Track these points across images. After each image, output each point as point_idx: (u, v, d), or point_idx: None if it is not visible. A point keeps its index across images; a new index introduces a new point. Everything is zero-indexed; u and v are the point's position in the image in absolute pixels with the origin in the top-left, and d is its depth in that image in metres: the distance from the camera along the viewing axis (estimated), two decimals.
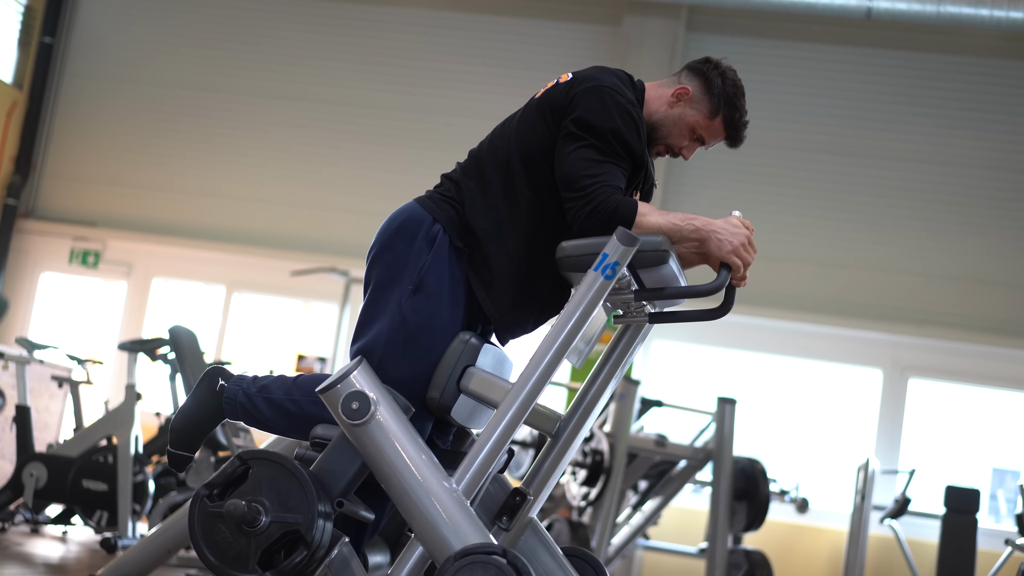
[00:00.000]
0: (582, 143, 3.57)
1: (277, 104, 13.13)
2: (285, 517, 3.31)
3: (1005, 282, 11.74)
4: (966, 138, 11.98)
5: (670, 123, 3.81)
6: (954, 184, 11.93)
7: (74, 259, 13.40)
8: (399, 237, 3.69)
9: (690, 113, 3.81)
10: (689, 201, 11.95)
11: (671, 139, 3.83)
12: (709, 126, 3.83)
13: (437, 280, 3.63)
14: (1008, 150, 11.92)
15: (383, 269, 3.68)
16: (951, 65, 12.13)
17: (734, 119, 3.83)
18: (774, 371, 12.34)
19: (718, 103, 3.81)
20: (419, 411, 3.55)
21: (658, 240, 3.43)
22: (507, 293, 3.67)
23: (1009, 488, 11.96)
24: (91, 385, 9.24)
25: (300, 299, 13.17)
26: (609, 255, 3.38)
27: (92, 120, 13.54)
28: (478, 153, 3.80)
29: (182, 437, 3.82)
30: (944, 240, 11.88)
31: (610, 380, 3.71)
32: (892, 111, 12.14)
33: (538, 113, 3.72)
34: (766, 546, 10.54)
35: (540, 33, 12.80)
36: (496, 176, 3.71)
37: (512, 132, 3.77)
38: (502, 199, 3.68)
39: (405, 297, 3.61)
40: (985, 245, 11.82)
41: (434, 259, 3.64)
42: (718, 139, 3.88)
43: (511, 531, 3.56)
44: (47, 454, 8.30)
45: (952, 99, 12.07)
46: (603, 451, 8.34)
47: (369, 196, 12.58)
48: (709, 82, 3.82)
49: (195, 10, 13.50)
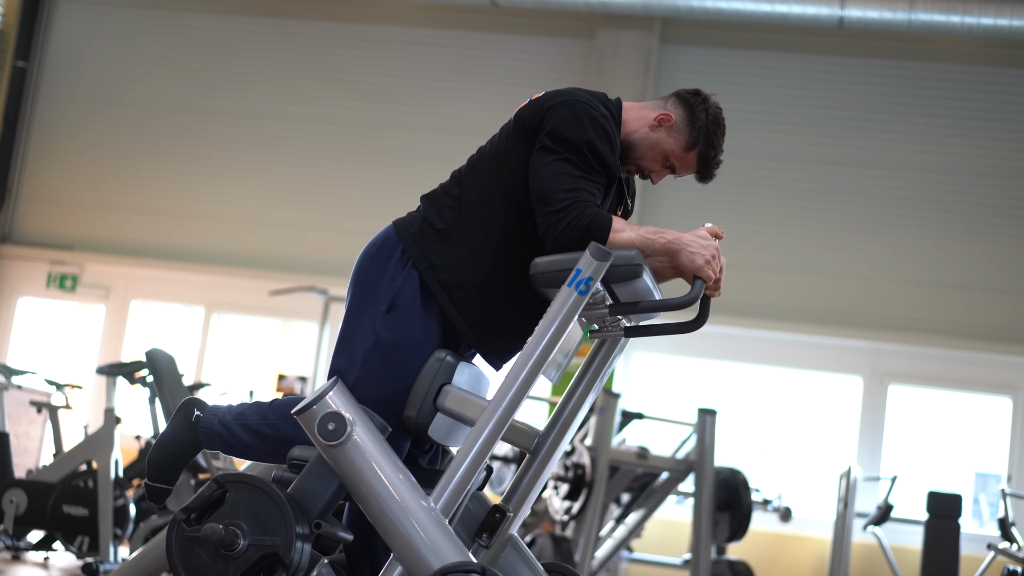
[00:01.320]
0: (556, 157, 3.56)
1: (254, 124, 13.12)
2: (263, 540, 3.30)
3: (981, 287, 11.78)
4: (937, 145, 12.02)
5: (646, 146, 3.79)
6: (927, 191, 11.97)
7: (51, 283, 13.35)
8: (375, 259, 3.70)
9: (668, 141, 3.79)
10: (666, 211, 11.96)
11: (643, 161, 3.82)
12: (683, 158, 3.82)
13: (410, 299, 3.63)
14: (978, 156, 11.96)
15: (359, 290, 3.69)
16: (922, 72, 12.18)
17: (709, 156, 3.82)
18: (755, 381, 12.36)
19: (697, 137, 3.79)
20: (396, 430, 3.54)
21: (631, 255, 3.43)
22: (483, 313, 3.67)
23: (992, 492, 11.98)
24: (70, 410, 9.20)
25: (280, 319, 13.15)
26: (582, 270, 3.38)
27: (67, 143, 13.50)
28: (458, 174, 3.80)
29: (159, 470, 3.81)
30: (920, 247, 11.91)
31: (587, 394, 3.70)
32: (865, 119, 12.18)
33: (513, 133, 3.72)
34: (750, 556, 10.54)
35: (516, 48, 12.82)
36: (474, 197, 3.70)
37: (489, 153, 3.77)
38: (480, 220, 3.68)
39: (379, 317, 3.61)
40: (960, 251, 11.86)
41: (407, 279, 3.64)
42: (689, 171, 3.87)
43: (492, 548, 3.55)
44: (27, 480, 8.26)
45: (923, 106, 12.12)
46: (585, 465, 8.33)
47: (347, 215, 12.57)
48: (694, 114, 3.80)
49: (170, 31, 13.47)
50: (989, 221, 11.89)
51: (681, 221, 11.09)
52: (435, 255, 3.66)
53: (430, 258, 3.66)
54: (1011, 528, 8.72)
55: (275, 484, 3.40)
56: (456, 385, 3.56)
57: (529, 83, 11.90)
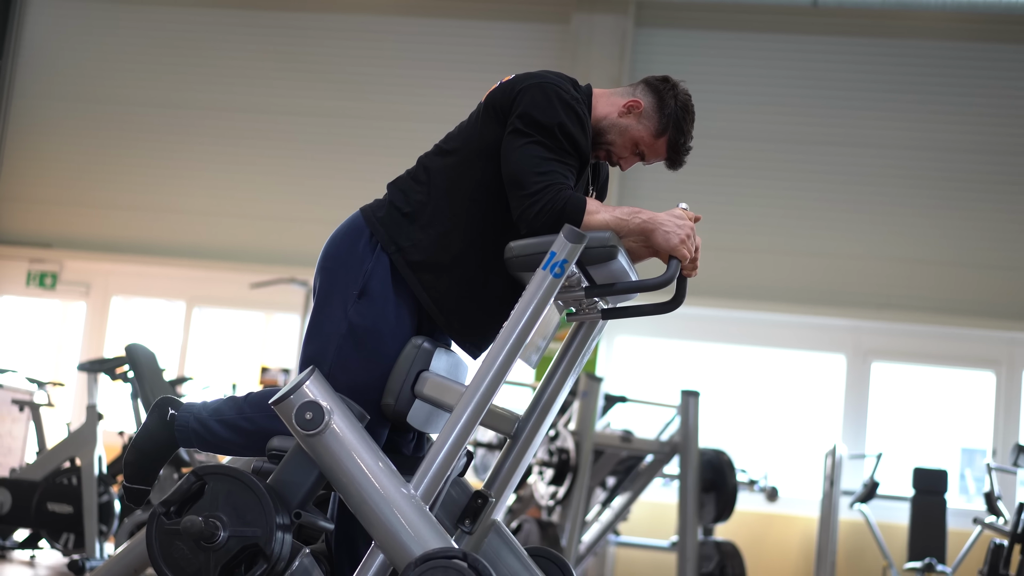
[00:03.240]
0: (529, 139, 3.54)
1: (230, 117, 13.07)
2: (243, 531, 3.29)
3: (961, 262, 11.80)
4: (913, 121, 12.03)
5: (616, 132, 3.78)
6: (904, 167, 11.98)
7: (31, 281, 13.29)
8: (342, 245, 3.68)
9: (637, 127, 3.78)
10: (643, 193, 11.95)
11: (613, 147, 3.80)
12: (653, 144, 3.80)
13: (381, 284, 3.60)
14: (956, 131, 11.97)
15: (327, 277, 3.67)
16: (897, 49, 12.18)
17: (678, 142, 3.81)
18: (737, 361, 12.36)
19: (666, 123, 3.77)
20: (374, 418, 3.53)
21: (605, 236, 3.42)
22: (452, 296, 3.65)
23: (978, 467, 12.01)
24: (53, 407, 9.18)
25: (262, 311, 13.12)
26: (557, 253, 3.37)
27: (43, 140, 13.43)
28: (425, 160, 3.78)
29: (138, 471, 3.77)
30: (900, 223, 11.92)
31: (566, 378, 3.70)
32: (841, 97, 12.18)
33: (483, 116, 3.70)
34: (737, 536, 10.55)
35: (490, 35, 12.79)
36: (442, 180, 3.68)
37: (458, 136, 3.75)
38: (448, 203, 3.66)
39: (351, 303, 3.59)
40: (939, 226, 11.88)
41: (377, 263, 3.62)
42: (658, 158, 3.86)
43: (474, 534, 3.54)
44: (10, 479, 8.25)
45: (898, 83, 12.12)
46: (569, 449, 8.34)
47: (325, 205, 12.52)
48: (663, 101, 3.78)
49: (144, 25, 13.41)
50: (968, 196, 11.90)
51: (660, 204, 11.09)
52: (403, 237, 3.63)
53: (398, 240, 3.63)
54: (997, 502, 8.74)
55: (255, 475, 3.39)
56: (434, 371, 3.55)
57: (506, 69, 11.71)
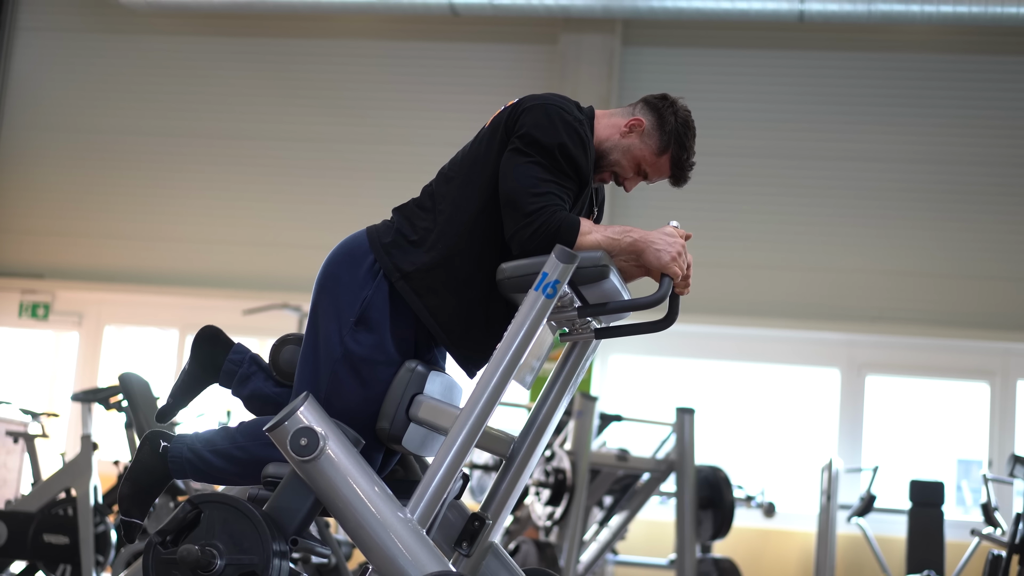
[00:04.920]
0: (527, 159, 3.55)
1: (218, 144, 13.07)
2: (240, 559, 3.28)
3: (952, 274, 11.80)
4: (904, 134, 12.05)
5: (619, 152, 3.78)
6: (895, 180, 11.99)
7: (23, 312, 13.27)
8: (343, 265, 3.67)
9: (639, 146, 3.77)
10: (633, 210, 11.96)
11: (617, 168, 3.80)
12: (656, 162, 3.80)
13: (379, 313, 3.60)
14: (947, 144, 11.99)
15: (325, 297, 3.66)
16: (885, 63, 12.21)
17: (681, 159, 3.80)
18: (732, 378, 12.36)
19: (668, 141, 3.77)
20: (369, 442, 3.52)
21: (597, 256, 3.42)
22: (460, 320, 3.64)
23: (974, 478, 12.01)
24: (47, 438, 9.14)
25: (255, 337, 13.07)
26: (549, 274, 3.37)
27: (33, 171, 13.42)
28: (430, 187, 3.78)
29: (132, 504, 3.76)
30: (891, 236, 11.93)
31: (561, 398, 3.70)
32: (828, 112, 12.20)
33: (488, 139, 3.70)
34: (735, 553, 10.54)
35: (478, 57, 12.80)
36: (448, 206, 3.67)
37: (462, 161, 3.75)
38: (454, 228, 3.65)
39: (347, 329, 3.58)
40: (931, 239, 11.88)
41: (376, 291, 3.62)
42: (662, 176, 3.85)
43: (472, 557, 3.54)
44: (6, 511, 8.20)
45: (887, 96, 12.15)
46: (565, 469, 8.32)
47: (317, 230, 12.50)
48: (663, 118, 3.78)
49: (133, 54, 13.40)
50: (963, 207, 11.90)
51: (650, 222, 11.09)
52: (408, 263, 3.63)
53: (403, 267, 3.63)
54: (994, 513, 8.73)
55: (250, 502, 3.38)
56: (428, 395, 3.54)
57: (495, 90, 11.89)
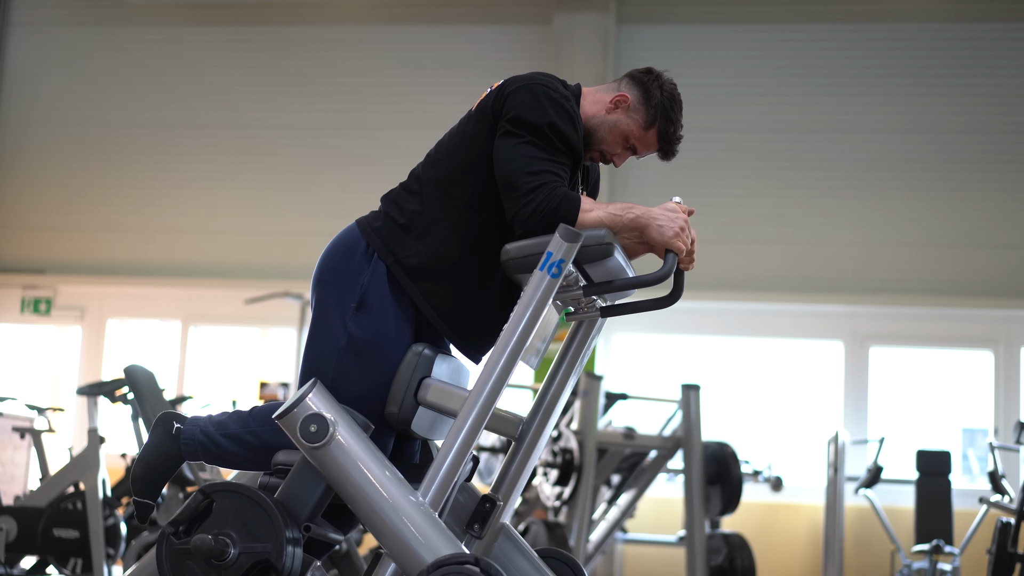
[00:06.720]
0: (519, 140, 3.54)
1: (216, 133, 13.05)
2: (254, 547, 3.29)
3: (954, 243, 11.79)
4: (901, 104, 12.03)
5: (605, 129, 3.77)
6: (893, 151, 11.97)
7: (25, 308, 13.27)
8: (337, 257, 3.68)
9: (626, 121, 3.77)
10: (633, 188, 11.95)
11: (604, 145, 3.79)
12: (643, 137, 3.79)
13: (379, 295, 3.60)
14: (944, 113, 11.97)
15: (324, 289, 3.67)
16: (883, 33, 12.18)
17: (668, 132, 3.79)
18: (736, 353, 12.35)
19: (654, 114, 3.76)
20: (379, 427, 3.52)
21: (601, 234, 3.42)
22: (455, 304, 3.64)
23: (980, 447, 12.01)
24: (54, 433, 9.15)
25: (258, 327, 13.10)
26: (553, 253, 3.37)
27: (32, 166, 13.41)
28: (417, 170, 3.78)
29: (145, 485, 3.78)
30: (891, 207, 11.92)
31: (568, 378, 3.70)
32: (828, 84, 12.18)
33: (475, 121, 3.69)
34: (744, 528, 10.55)
35: (472, 39, 12.79)
36: (435, 189, 3.68)
37: (449, 144, 3.74)
38: (443, 211, 3.65)
39: (349, 315, 3.59)
40: (931, 208, 11.87)
41: (373, 274, 3.62)
42: (651, 150, 3.85)
43: (484, 538, 3.54)
44: (15, 507, 8.21)
45: (882, 67, 12.12)
46: (572, 449, 8.33)
47: (316, 217, 12.49)
48: (648, 92, 3.76)
49: (129, 46, 13.38)
50: (962, 176, 11.89)
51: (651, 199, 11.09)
52: (400, 248, 3.63)
53: (396, 251, 3.63)
54: (1001, 481, 8.74)
55: (262, 490, 3.38)
56: (436, 378, 3.54)
57: (490, 72, 11.69)
